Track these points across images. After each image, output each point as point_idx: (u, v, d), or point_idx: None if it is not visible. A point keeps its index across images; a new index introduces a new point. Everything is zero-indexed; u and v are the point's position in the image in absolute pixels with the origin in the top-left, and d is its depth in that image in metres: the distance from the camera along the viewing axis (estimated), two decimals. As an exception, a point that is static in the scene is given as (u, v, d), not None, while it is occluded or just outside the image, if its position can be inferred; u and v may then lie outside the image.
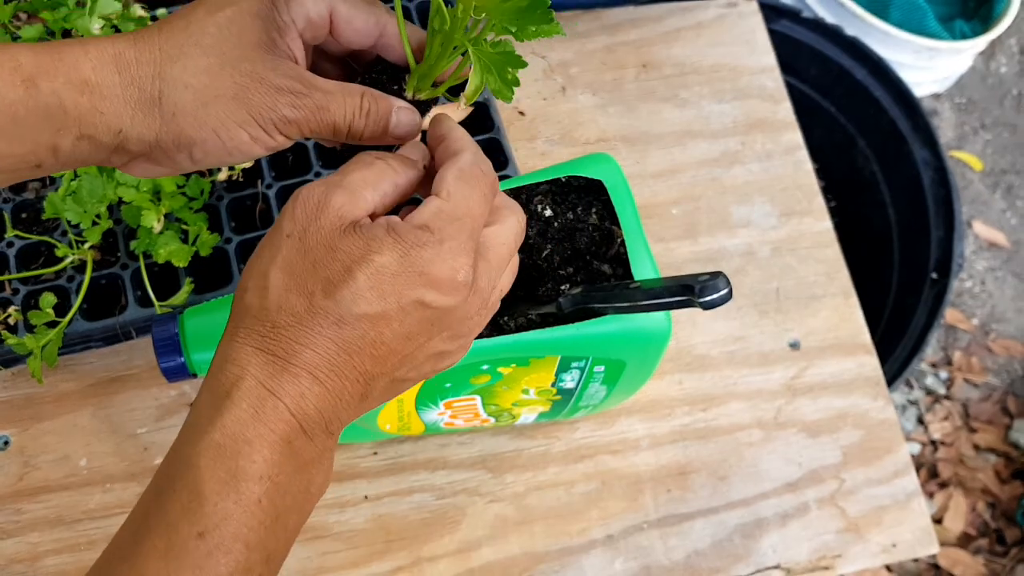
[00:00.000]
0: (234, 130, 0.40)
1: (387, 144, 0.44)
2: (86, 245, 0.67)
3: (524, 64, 0.41)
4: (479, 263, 0.38)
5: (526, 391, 0.59)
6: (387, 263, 0.35)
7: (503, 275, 0.41)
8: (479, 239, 0.39)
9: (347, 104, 0.41)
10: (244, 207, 0.73)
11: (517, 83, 0.42)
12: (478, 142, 0.77)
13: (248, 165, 0.68)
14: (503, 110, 0.85)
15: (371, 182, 0.38)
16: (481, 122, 0.78)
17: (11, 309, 0.66)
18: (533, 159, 0.83)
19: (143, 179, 0.63)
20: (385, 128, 0.42)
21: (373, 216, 0.38)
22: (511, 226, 0.41)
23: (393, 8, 0.43)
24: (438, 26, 0.41)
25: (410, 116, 0.43)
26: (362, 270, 0.35)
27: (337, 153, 0.75)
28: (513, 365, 0.54)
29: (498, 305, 0.42)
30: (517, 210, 0.42)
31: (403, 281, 0.35)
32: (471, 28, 0.41)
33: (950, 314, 1.61)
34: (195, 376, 0.51)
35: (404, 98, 0.45)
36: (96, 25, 0.66)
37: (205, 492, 0.33)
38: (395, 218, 0.37)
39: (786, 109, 0.89)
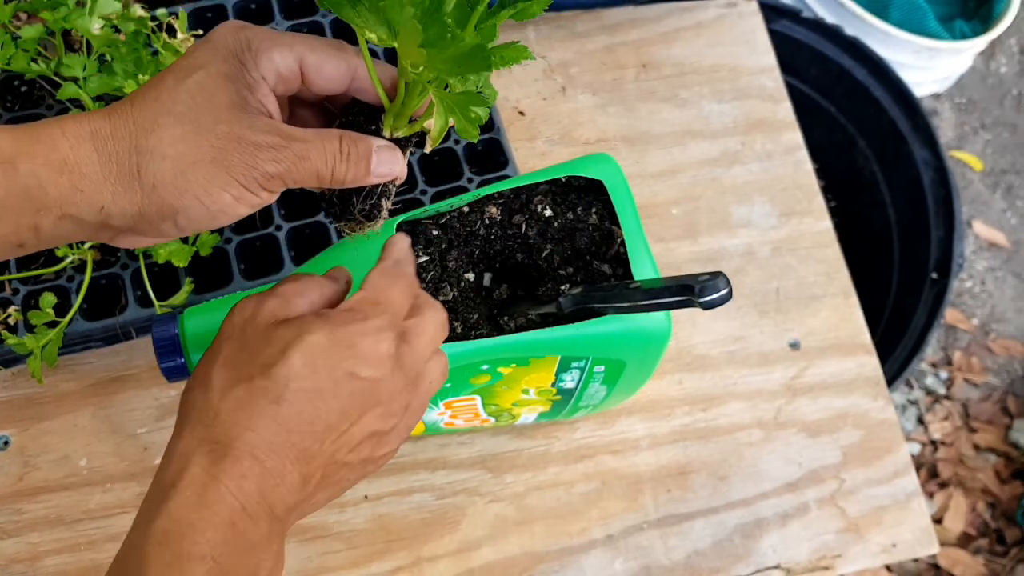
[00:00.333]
0: (217, 194, 0.40)
1: (372, 184, 0.45)
2: (86, 245, 0.67)
3: (486, 103, 0.42)
4: (402, 346, 0.41)
5: (526, 391, 0.59)
6: (318, 340, 0.38)
7: (431, 365, 0.44)
8: (402, 326, 0.42)
9: (327, 150, 0.42)
10: (244, 207, 0.73)
11: (481, 121, 0.42)
12: (477, 143, 0.77)
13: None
14: (503, 110, 0.85)
15: (300, 291, 0.42)
16: (481, 122, 0.78)
17: (11, 309, 0.66)
18: (533, 159, 0.83)
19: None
20: (367, 168, 0.43)
21: None
22: (431, 319, 0.44)
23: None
24: (405, 65, 0.41)
25: (391, 154, 0.44)
26: (296, 349, 0.38)
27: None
28: (513, 365, 0.54)
29: (428, 399, 0.44)
30: (438, 308, 0.44)
31: (334, 355, 0.38)
32: None
33: (950, 314, 1.61)
34: (195, 376, 0.51)
35: (383, 137, 0.45)
36: (96, 25, 0.66)
37: None
38: (321, 310, 0.40)
39: (786, 109, 0.89)
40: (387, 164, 0.44)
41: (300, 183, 0.42)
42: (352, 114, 0.46)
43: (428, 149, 0.46)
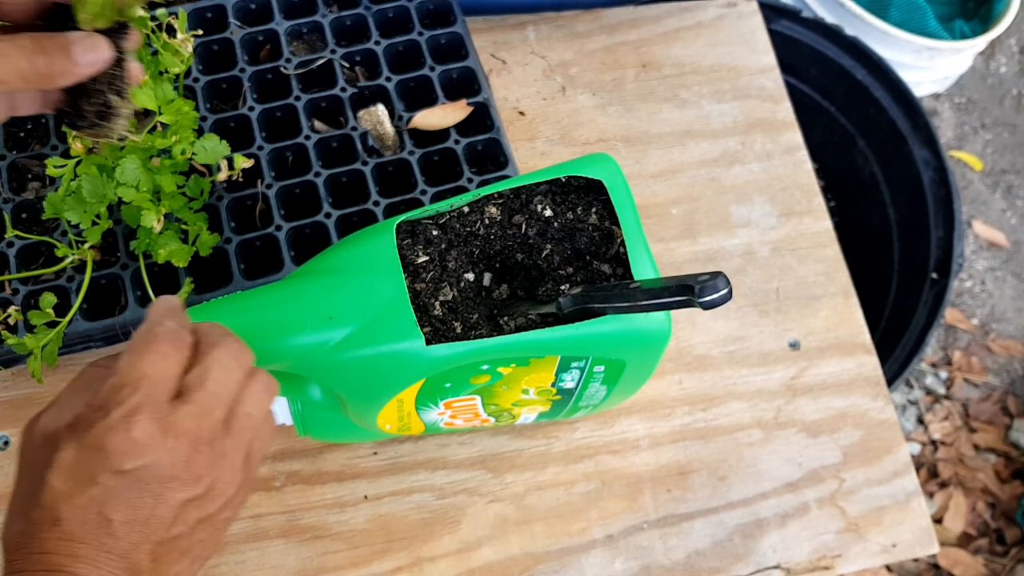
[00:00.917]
0: None
1: (91, 79, 0.44)
2: (86, 245, 0.67)
3: None
4: (179, 408, 0.39)
5: (526, 391, 0.59)
6: (68, 455, 0.37)
7: (242, 399, 0.42)
8: (171, 389, 0.40)
9: (20, 45, 0.41)
10: (244, 207, 0.73)
11: None
12: (477, 143, 0.78)
13: (248, 165, 0.68)
14: (503, 110, 0.85)
15: (79, 388, 0.40)
16: (481, 122, 0.78)
17: (11, 309, 0.66)
18: (533, 159, 0.83)
19: (143, 179, 0.63)
20: (69, 57, 0.42)
21: None
22: (217, 357, 0.41)
23: None
24: None
25: (91, 41, 0.43)
26: (51, 472, 0.37)
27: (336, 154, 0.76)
28: (513, 365, 0.54)
29: (253, 426, 0.42)
30: (226, 340, 0.42)
31: (87, 464, 0.37)
32: None
33: (950, 314, 1.61)
34: (195, 376, 0.51)
35: (81, 30, 0.44)
36: (96, 25, 0.66)
37: None
38: (81, 412, 0.39)
39: (786, 109, 0.89)
40: (91, 52, 0.43)
41: (5, 86, 0.41)
42: (51, 18, 0.45)
43: (79, 21, 0.44)
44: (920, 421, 1.51)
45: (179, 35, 0.67)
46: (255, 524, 0.66)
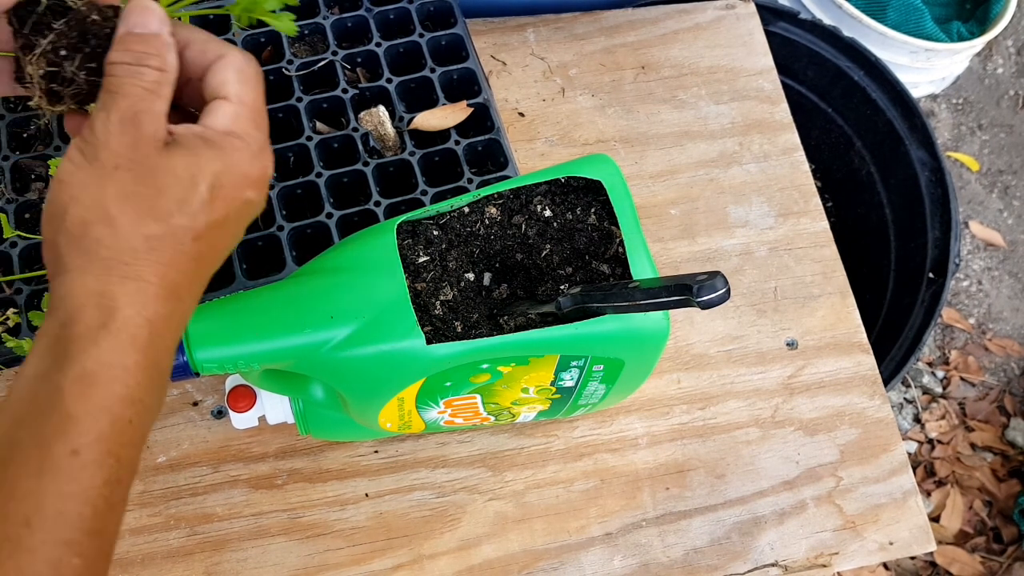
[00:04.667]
0: None
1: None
2: (89, 245, 0.68)
3: None
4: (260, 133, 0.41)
5: (526, 390, 0.59)
6: (219, 172, 0.38)
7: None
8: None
9: None
10: (246, 208, 0.73)
11: None
12: (478, 144, 0.78)
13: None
14: (503, 111, 0.85)
15: (155, 93, 0.38)
16: (481, 123, 0.78)
17: (10, 312, 0.67)
18: (533, 160, 0.84)
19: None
20: None
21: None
22: (255, 87, 0.41)
23: None
24: None
25: None
26: (203, 183, 0.37)
27: (338, 155, 0.76)
28: (513, 364, 0.55)
29: None
30: (244, 63, 0.41)
31: (234, 186, 0.38)
32: None
33: (947, 313, 1.62)
34: (198, 375, 0.52)
35: None
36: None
37: (78, 415, 0.34)
38: (197, 127, 0.38)
39: (783, 110, 0.90)
40: None
41: None
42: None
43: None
44: (917, 420, 1.52)
45: (181, 37, 0.68)
46: (257, 522, 0.67)
